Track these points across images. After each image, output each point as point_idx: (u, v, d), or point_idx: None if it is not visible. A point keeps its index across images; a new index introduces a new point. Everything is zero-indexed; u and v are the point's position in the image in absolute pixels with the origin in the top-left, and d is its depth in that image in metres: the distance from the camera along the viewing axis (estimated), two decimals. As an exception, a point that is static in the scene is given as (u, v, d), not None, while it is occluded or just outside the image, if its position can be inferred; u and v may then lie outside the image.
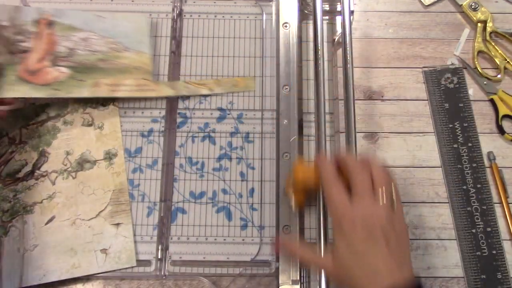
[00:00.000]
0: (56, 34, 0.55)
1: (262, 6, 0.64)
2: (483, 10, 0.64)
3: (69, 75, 0.54)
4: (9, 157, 0.56)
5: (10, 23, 0.53)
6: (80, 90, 0.54)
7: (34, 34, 0.54)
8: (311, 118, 0.59)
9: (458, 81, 0.62)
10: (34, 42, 0.54)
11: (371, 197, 0.42)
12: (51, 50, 0.54)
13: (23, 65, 0.53)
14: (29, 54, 0.53)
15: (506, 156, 0.59)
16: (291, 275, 0.52)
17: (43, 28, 0.54)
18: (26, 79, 0.52)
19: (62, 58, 0.54)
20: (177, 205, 0.56)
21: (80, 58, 0.55)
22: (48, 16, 0.55)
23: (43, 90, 0.53)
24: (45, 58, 0.53)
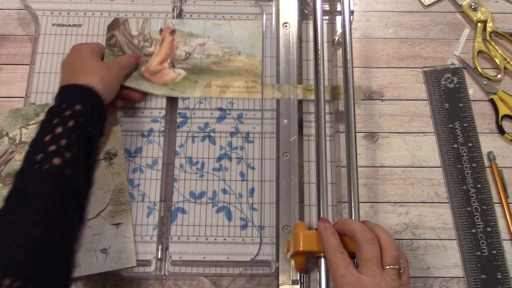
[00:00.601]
0: (177, 40, 0.61)
1: (262, 6, 0.64)
2: (483, 10, 0.64)
3: (185, 76, 0.59)
4: (9, 157, 0.56)
5: (138, 33, 0.61)
6: (193, 90, 0.59)
7: (158, 40, 0.61)
8: (311, 118, 0.59)
9: (458, 81, 0.62)
10: (157, 47, 0.60)
11: (380, 267, 0.41)
12: (171, 54, 0.60)
13: (146, 66, 0.59)
14: (152, 57, 0.60)
15: (506, 156, 0.59)
16: (291, 275, 0.52)
17: (166, 36, 0.61)
18: (147, 78, 0.59)
19: (180, 61, 0.60)
20: (177, 205, 0.56)
21: (196, 61, 0.60)
22: (171, 25, 0.62)
23: (161, 88, 0.59)
24: (165, 61, 0.60)
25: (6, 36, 0.64)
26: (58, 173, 0.42)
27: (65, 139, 0.44)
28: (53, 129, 0.44)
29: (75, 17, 0.63)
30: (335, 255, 0.43)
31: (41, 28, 0.62)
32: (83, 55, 0.53)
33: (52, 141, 0.44)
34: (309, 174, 0.57)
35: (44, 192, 0.41)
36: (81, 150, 0.45)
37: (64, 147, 0.44)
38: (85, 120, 0.46)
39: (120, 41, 0.59)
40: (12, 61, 0.63)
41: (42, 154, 0.43)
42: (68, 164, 0.43)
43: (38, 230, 0.39)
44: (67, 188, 0.42)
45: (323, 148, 0.52)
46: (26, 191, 0.41)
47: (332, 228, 0.46)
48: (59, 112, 0.46)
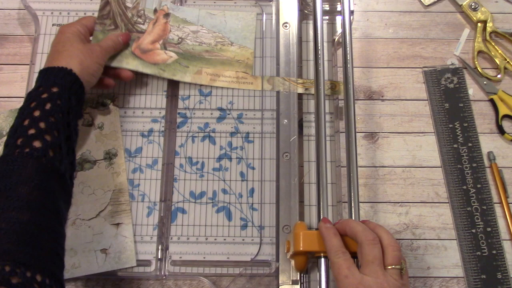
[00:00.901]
0: (170, 24, 0.61)
1: (262, 6, 0.64)
2: (483, 10, 0.64)
3: (176, 59, 0.59)
4: (9, 157, 0.56)
5: (133, 6, 0.59)
6: (183, 75, 0.59)
7: (152, 20, 0.60)
8: (311, 118, 0.59)
9: (458, 81, 0.62)
10: (150, 26, 0.60)
11: (382, 267, 0.41)
12: (164, 36, 0.60)
13: (137, 43, 0.58)
14: (144, 35, 0.59)
15: (506, 156, 0.59)
16: (291, 275, 0.52)
17: (160, 17, 0.61)
18: (138, 56, 0.58)
19: (172, 44, 0.60)
20: (177, 205, 0.56)
21: (188, 47, 0.60)
22: (166, 8, 0.61)
23: (151, 67, 0.58)
24: (157, 42, 0.59)
25: (6, 36, 0.64)
26: (39, 156, 0.42)
27: (44, 122, 0.44)
28: (31, 112, 0.44)
29: (75, 17, 0.63)
30: (337, 256, 0.43)
31: (41, 28, 0.62)
32: (65, 38, 0.52)
33: (31, 124, 0.43)
34: (309, 174, 0.57)
35: (27, 176, 0.40)
36: (61, 133, 0.45)
37: (43, 130, 0.43)
38: (62, 102, 0.46)
39: (114, 11, 0.58)
40: (12, 61, 0.63)
41: (22, 138, 0.42)
42: (49, 146, 0.43)
43: (24, 215, 0.38)
44: (50, 171, 0.42)
45: (323, 148, 0.52)
46: (9, 177, 0.40)
47: (333, 228, 0.46)
48: (36, 95, 0.46)
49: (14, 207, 0.39)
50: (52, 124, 0.44)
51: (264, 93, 0.60)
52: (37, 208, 0.40)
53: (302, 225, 0.50)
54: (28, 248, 0.37)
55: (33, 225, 0.39)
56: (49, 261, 0.39)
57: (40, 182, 0.41)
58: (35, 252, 0.38)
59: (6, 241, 0.37)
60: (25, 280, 0.35)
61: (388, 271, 0.41)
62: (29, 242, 0.38)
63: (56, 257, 0.40)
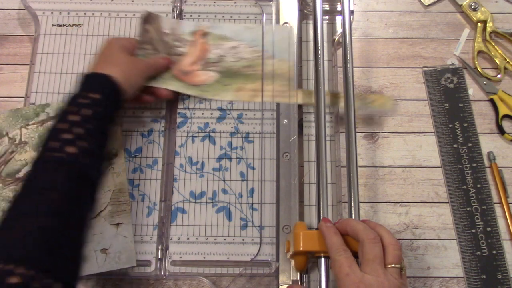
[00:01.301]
0: (209, 43, 0.61)
1: (262, 6, 0.64)
2: (483, 10, 0.64)
3: (217, 79, 0.59)
4: (9, 157, 0.56)
5: (170, 32, 0.60)
6: (225, 93, 0.59)
7: (190, 42, 0.61)
8: (311, 118, 0.59)
9: (458, 81, 0.62)
10: (189, 48, 0.60)
11: (383, 266, 0.41)
12: (203, 57, 0.60)
13: (178, 65, 0.59)
14: (184, 57, 0.60)
15: (506, 156, 0.59)
16: (291, 275, 0.52)
17: (198, 38, 0.61)
18: (179, 78, 0.58)
19: (212, 63, 0.60)
20: (177, 205, 0.56)
21: (228, 65, 0.60)
22: (203, 28, 0.62)
23: (193, 89, 0.59)
24: (197, 63, 0.60)
25: (6, 36, 0.64)
26: (72, 163, 0.42)
27: (81, 128, 0.44)
28: (70, 117, 0.44)
29: (75, 17, 0.63)
30: (339, 254, 0.43)
31: (41, 28, 0.62)
32: (111, 48, 0.53)
33: (68, 129, 0.43)
34: (309, 174, 0.57)
35: (57, 182, 0.41)
36: (96, 140, 0.45)
37: (79, 136, 0.43)
38: (101, 110, 0.46)
39: (153, 37, 0.59)
40: (12, 61, 0.63)
41: (57, 142, 0.43)
42: (83, 153, 0.43)
43: (51, 221, 0.39)
44: (80, 178, 0.42)
45: (323, 148, 0.52)
46: (39, 181, 0.41)
47: (334, 227, 0.46)
48: (77, 100, 0.46)
49: (42, 212, 0.39)
50: (89, 131, 0.44)
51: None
52: (64, 216, 0.40)
53: (302, 225, 0.50)
54: (52, 254, 0.38)
55: (58, 232, 0.39)
56: (69, 269, 0.39)
57: (70, 190, 0.41)
58: (58, 259, 0.38)
59: (30, 245, 0.37)
60: (44, 286, 0.35)
61: (388, 270, 0.41)
62: (52, 249, 0.38)
63: (75, 267, 0.40)
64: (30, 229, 0.38)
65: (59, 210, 0.40)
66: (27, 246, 0.37)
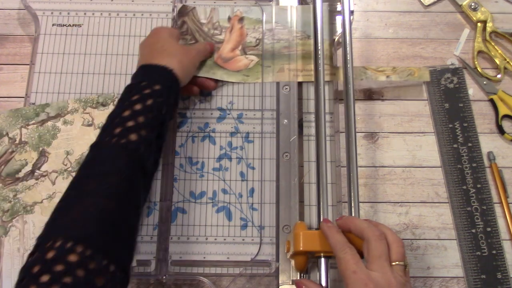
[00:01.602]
0: (246, 27, 0.62)
1: (262, 6, 0.63)
2: (483, 10, 0.64)
3: (257, 62, 0.60)
4: (9, 157, 0.56)
5: (207, 21, 0.62)
6: (266, 75, 0.60)
7: (227, 28, 0.62)
8: (311, 118, 0.59)
9: (458, 81, 0.62)
10: (227, 34, 0.62)
11: (389, 263, 0.41)
12: (242, 41, 0.61)
13: (218, 53, 0.61)
14: (223, 44, 0.61)
15: (506, 156, 0.59)
16: (291, 275, 0.52)
17: (235, 23, 0.62)
18: (221, 65, 0.60)
19: (251, 47, 0.61)
20: (177, 205, 0.56)
21: (266, 47, 0.61)
22: (239, 13, 0.63)
23: (235, 75, 0.60)
24: (236, 48, 0.61)
25: (6, 36, 0.64)
26: (133, 149, 0.43)
27: (143, 116, 0.45)
28: (133, 105, 0.45)
29: (75, 17, 0.63)
30: (344, 251, 0.43)
31: (41, 28, 0.62)
32: (163, 38, 0.54)
33: (131, 117, 0.45)
34: (309, 174, 0.57)
35: (119, 166, 0.42)
36: (155, 130, 0.46)
37: (141, 125, 0.44)
38: (162, 100, 0.47)
39: (191, 28, 0.61)
40: (12, 61, 0.63)
41: (120, 128, 0.44)
42: (142, 141, 0.44)
43: (111, 203, 0.40)
44: (139, 165, 0.43)
45: (323, 148, 0.52)
46: (102, 164, 0.42)
47: (336, 227, 0.46)
48: (139, 89, 0.47)
49: (103, 195, 0.40)
50: (149, 120, 0.45)
51: (264, 93, 0.60)
52: (123, 199, 0.41)
53: (302, 225, 0.50)
54: (109, 236, 0.39)
55: (117, 215, 0.40)
56: (124, 253, 0.40)
57: (129, 175, 0.42)
58: (115, 242, 0.39)
59: (91, 225, 0.38)
60: (101, 267, 0.36)
61: (393, 267, 0.41)
62: (111, 230, 0.39)
63: (130, 250, 0.41)
64: (90, 209, 0.39)
65: (118, 194, 0.41)
66: (86, 226, 0.38)
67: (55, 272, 0.34)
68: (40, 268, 0.35)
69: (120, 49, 0.62)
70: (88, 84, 0.60)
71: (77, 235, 0.37)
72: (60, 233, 0.37)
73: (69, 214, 0.39)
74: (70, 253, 0.35)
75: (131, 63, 0.61)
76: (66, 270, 0.34)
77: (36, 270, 0.35)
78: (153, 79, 0.48)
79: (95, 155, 0.43)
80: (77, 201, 0.40)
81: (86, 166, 0.43)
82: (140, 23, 0.63)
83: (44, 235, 0.38)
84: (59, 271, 0.34)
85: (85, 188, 0.41)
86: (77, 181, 0.42)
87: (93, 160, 0.43)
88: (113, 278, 0.37)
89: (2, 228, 0.54)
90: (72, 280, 0.34)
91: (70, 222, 0.38)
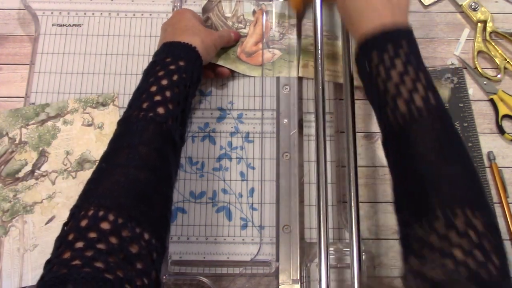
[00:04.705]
0: (270, 21, 0.62)
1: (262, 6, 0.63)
2: (483, 10, 0.64)
3: (280, 56, 0.61)
4: (9, 157, 0.56)
5: (232, 14, 0.62)
6: (289, 70, 0.60)
7: (252, 22, 0.62)
8: (311, 118, 0.59)
9: (458, 81, 0.62)
10: (252, 28, 0.62)
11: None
12: (265, 35, 0.62)
13: (241, 47, 0.61)
14: (247, 38, 0.61)
15: (506, 156, 0.59)
16: (291, 275, 0.52)
17: (259, 17, 0.62)
18: (243, 60, 0.60)
19: (274, 41, 0.61)
20: (177, 205, 0.56)
21: (290, 41, 0.61)
22: (264, 7, 0.63)
23: (257, 70, 0.60)
24: (260, 42, 0.61)
25: (6, 36, 0.64)
26: (161, 122, 0.44)
27: (170, 91, 0.46)
28: (159, 80, 0.46)
29: (75, 17, 0.63)
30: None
31: (41, 28, 0.62)
32: (186, 18, 0.55)
33: (158, 91, 0.46)
34: (309, 174, 0.57)
35: (148, 138, 0.43)
36: (180, 105, 0.47)
37: (168, 99, 0.45)
38: (186, 76, 0.48)
39: (215, 23, 0.61)
40: (12, 61, 0.63)
41: (148, 102, 0.45)
42: (170, 115, 0.45)
43: (141, 173, 0.40)
44: (167, 137, 0.44)
45: (323, 148, 0.52)
46: (131, 136, 0.43)
47: None
48: (165, 65, 0.48)
49: (133, 165, 0.41)
50: (175, 95, 0.46)
51: (264, 93, 0.60)
52: (154, 169, 0.42)
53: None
54: (141, 205, 0.39)
55: (148, 184, 0.41)
56: (158, 222, 0.40)
57: (159, 146, 0.43)
58: (147, 211, 0.39)
59: (122, 195, 0.39)
60: (134, 235, 0.37)
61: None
62: (143, 200, 0.39)
63: (164, 219, 0.42)
64: (121, 179, 0.40)
65: (148, 164, 0.41)
66: (117, 196, 0.39)
67: (89, 239, 0.35)
68: (74, 235, 0.36)
69: (120, 49, 0.62)
70: (88, 84, 0.60)
71: (109, 204, 0.38)
72: (93, 202, 0.38)
73: (101, 185, 0.40)
74: (103, 221, 0.36)
75: (131, 63, 0.61)
76: (100, 237, 0.35)
77: (71, 237, 0.36)
78: (178, 55, 0.49)
79: (124, 129, 0.44)
80: (108, 172, 0.41)
81: (115, 139, 0.44)
82: (140, 23, 0.63)
83: (77, 205, 0.39)
84: (93, 237, 0.35)
85: (115, 160, 0.42)
86: (108, 154, 0.43)
87: (122, 133, 0.44)
88: (149, 246, 0.38)
89: (2, 228, 0.54)
90: (105, 246, 0.35)
91: (102, 192, 0.39)
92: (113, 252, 0.35)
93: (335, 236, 0.55)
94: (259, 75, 0.60)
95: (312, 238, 0.55)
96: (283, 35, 0.61)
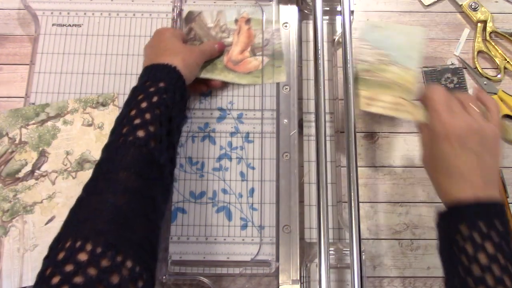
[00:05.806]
0: (253, 28, 0.62)
1: (262, 6, 0.63)
2: (483, 10, 0.64)
3: (267, 62, 0.61)
4: (9, 157, 0.56)
5: (214, 24, 0.62)
6: (278, 76, 0.60)
7: (235, 30, 0.62)
8: (311, 118, 0.59)
9: (458, 81, 0.62)
10: (236, 37, 0.62)
11: None
12: (250, 43, 0.61)
13: (228, 56, 0.60)
14: (232, 47, 0.61)
15: (506, 156, 0.59)
16: (291, 275, 0.52)
17: (242, 25, 0.62)
18: (231, 68, 0.60)
19: (260, 48, 0.61)
20: (177, 205, 0.56)
21: (276, 47, 0.61)
22: (246, 15, 0.63)
23: (245, 78, 0.60)
24: (245, 50, 0.61)
25: (6, 36, 0.64)
26: (141, 145, 0.43)
27: (149, 113, 0.45)
28: (139, 104, 0.46)
29: (75, 17, 0.63)
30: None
31: (41, 28, 0.62)
32: (166, 38, 0.55)
33: (137, 115, 0.45)
34: (309, 174, 0.57)
35: (128, 162, 0.42)
36: (164, 126, 0.46)
37: (148, 121, 0.45)
38: (167, 97, 0.48)
39: (199, 34, 0.61)
40: (12, 61, 0.63)
41: (128, 126, 0.44)
42: (151, 137, 0.44)
43: (121, 199, 0.40)
44: (149, 160, 0.43)
45: (323, 148, 0.52)
46: (112, 162, 0.42)
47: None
48: (144, 89, 0.48)
49: (111, 191, 0.40)
50: (157, 116, 0.46)
51: (264, 93, 0.60)
52: (133, 193, 0.41)
53: None
54: (120, 231, 0.38)
55: (128, 209, 0.40)
56: (141, 248, 0.39)
57: (139, 170, 0.42)
58: (127, 236, 0.38)
59: (100, 221, 0.38)
60: (115, 264, 0.35)
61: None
62: (122, 225, 0.38)
63: (148, 245, 0.40)
64: (99, 207, 0.39)
65: (128, 188, 0.40)
66: (95, 224, 0.37)
67: (65, 273, 0.34)
68: (51, 270, 0.34)
69: (120, 49, 0.62)
70: (88, 84, 0.60)
71: (87, 233, 0.37)
72: (70, 233, 0.37)
73: (79, 215, 0.39)
74: (80, 252, 0.35)
75: (131, 63, 0.61)
76: (76, 270, 0.34)
77: (48, 272, 0.34)
78: (157, 77, 0.49)
79: (105, 156, 0.44)
80: (87, 201, 0.40)
81: (97, 168, 0.43)
82: (140, 23, 0.63)
83: (56, 238, 0.38)
84: (69, 271, 0.34)
85: (95, 188, 0.41)
86: (88, 183, 0.42)
87: (103, 161, 0.43)
88: (131, 274, 0.36)
89: (2, 228, 0.54)
90: (83, 279, 0.34)
91: (79, 222, 0.38)
92: (91, 285, 0.34)
93: (335, 236, 0.55)
94: (249, 83, 0.60)
95: (312, 238, 0.55)
96: (267, 40, 0.61)
